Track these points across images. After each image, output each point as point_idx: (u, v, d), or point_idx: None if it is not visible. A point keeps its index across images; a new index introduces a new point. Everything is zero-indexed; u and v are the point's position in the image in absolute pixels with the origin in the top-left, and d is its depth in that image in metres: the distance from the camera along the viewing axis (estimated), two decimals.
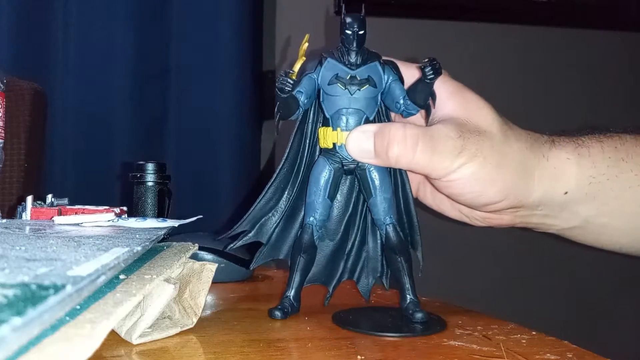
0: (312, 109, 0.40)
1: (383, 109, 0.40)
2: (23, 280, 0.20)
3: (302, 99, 0.38)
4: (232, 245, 0.41)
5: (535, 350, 0.33)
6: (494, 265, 1.39)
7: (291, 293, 0.39)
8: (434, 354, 0.32)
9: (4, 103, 0.50)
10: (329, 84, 0.38)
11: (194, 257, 0.39)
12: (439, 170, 0.38)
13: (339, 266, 0.42)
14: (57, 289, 0.19)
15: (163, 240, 0.42)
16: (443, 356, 0.31)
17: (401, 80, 0.39)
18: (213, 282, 0.37)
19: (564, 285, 1.43)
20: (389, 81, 0.38)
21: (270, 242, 0.41)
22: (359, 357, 0.30)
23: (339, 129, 0.38)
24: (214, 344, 0.33)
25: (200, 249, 0.47)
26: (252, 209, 0.41)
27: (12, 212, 0.49)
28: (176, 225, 0.43)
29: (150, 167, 0.57)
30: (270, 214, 0.41)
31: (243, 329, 0.36)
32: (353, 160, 0.38)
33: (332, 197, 0.39)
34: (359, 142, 0.38)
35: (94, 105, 1.12)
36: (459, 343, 0.34)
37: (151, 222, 0.43)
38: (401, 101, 0.38)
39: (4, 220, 0.44)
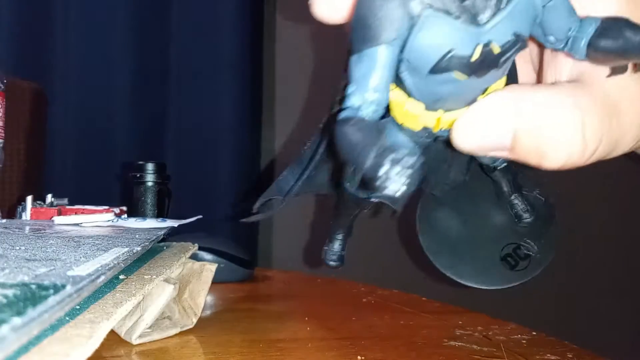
0: None
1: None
2: (23, 280, 0.20)
3: None
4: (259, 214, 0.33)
5: (535, 350, 0.32)
6: None
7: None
8: (434, 354, 0.32)
9: (4, 103, 0.50)
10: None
11: (194, 257, 0.39)
12: None
13: None
14: (57, 289, 0.19)
15: (163, 240, 0.42)
16: (443, 356, 0.31)
17: None
18: (213, 282, 0.37)
19: (564, 285, 1.43)
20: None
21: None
22: (359, 357, 0.30)
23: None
24: (214, 344, 0.33)
25: (200, 249, 0.47)
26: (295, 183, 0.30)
27: (12, 212, 0.49)
28: (176, 226, 0.43)
29: (150, 167, 0.57)
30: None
31: (243, 329, 0.36)
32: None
33: None
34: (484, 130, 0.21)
35: (94, 105, 1.12)
36: (460, 343, 0.34)
37: (151, 222, 0.43)
38: (567, 34, 0.20)
39: (4, 220, 0.44)
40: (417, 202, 0.34)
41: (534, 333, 0.36)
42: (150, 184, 0.56)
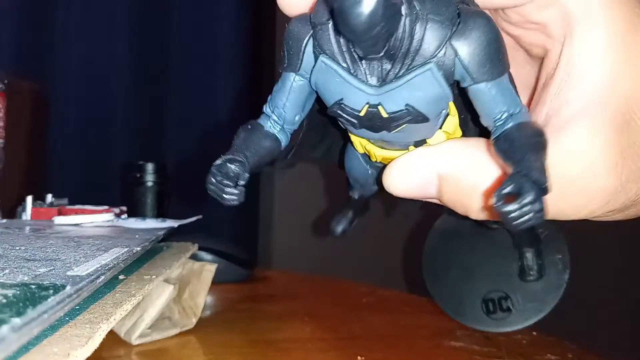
0: None
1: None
2: (23, 280, 0.20)
3: None
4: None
5: (535, 350, 0.32)
6: None
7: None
8: (435, 354, 0.32)
9: (4, 103, 0.50)
10: None
11: (194, 257, 0.39)
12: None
13: None
14: (57, 289, 0.19)
15: (163, 240, 0.42)
16: (444, 357, 0.31)
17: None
18: (213, 282, 0.37)
19: (569, 281, 1.43)
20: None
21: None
22: (359, 357, 0.30)
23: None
24: (214, 344, 0.33)
25: (200, 249, 0.47)
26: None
27: (12, 212, 0.49)
28: (176, 226, 0.43)
29: (150, 167, 0.57)
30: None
31: (243, 330, 0.36)
32: None
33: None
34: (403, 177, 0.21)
35: (94, 105, 1.12)
36: (460, 344, 0.34)
37: (151, 222, 0.43)
38: (493, 123, 0.19)
39: (4, 220, 0.44)
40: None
41: (534, 333, 0.36)
42: (150, 184, 0.56)
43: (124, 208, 0.48)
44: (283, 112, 0.20)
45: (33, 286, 0.19)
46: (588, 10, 0.19)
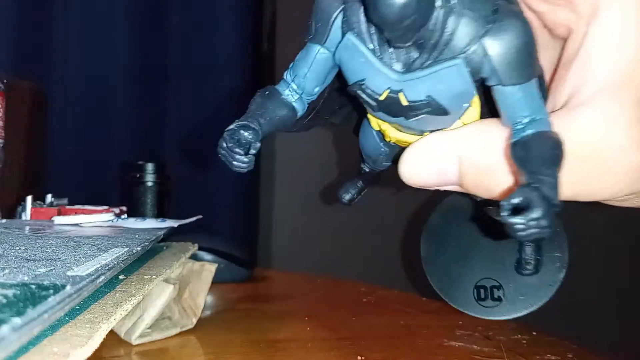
0: None
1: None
2: (23, 280, 0.20)
3: None
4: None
5: (535, 350, 0.32)
6: None
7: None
8: (434, 354, 0.32)
9: (4, 103, 0.50)
10: None
11: (194, 257, 0.39)
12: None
13: None
14: (57, 289, 0.19)
15: (163, 240, 0.42)
16: (444, 357, 0.31)
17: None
18: (213, 282, 0.37)
19: (564, 285, 1.43)
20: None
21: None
22: (359, 357, 0.30)
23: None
24: (214, 344, 0.33)
25: (200, 249, 0.47)
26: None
27: (12, 212, 0.49)
28: (176, 226, 0.43)
29: (149, 167, 0.57)
30: None
31: (243, 329, 0.36)
32: None
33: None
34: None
35: (94, 105, 1.12)
36: (460, 344, 0.33)
37: (151, 222, 0.43)
38: (513, 125, 0.18)
39: (4, 220, 0.44)
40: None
41: (534, 333, 0.36)
42: (150, 184, 0.56)
43: (124, 208, 0.48)
44: (303, 81, 0.20)
45: (33, 286, 0.19)
46: None
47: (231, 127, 0.20)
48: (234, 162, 0.20)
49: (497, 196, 0.20)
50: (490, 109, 0.20)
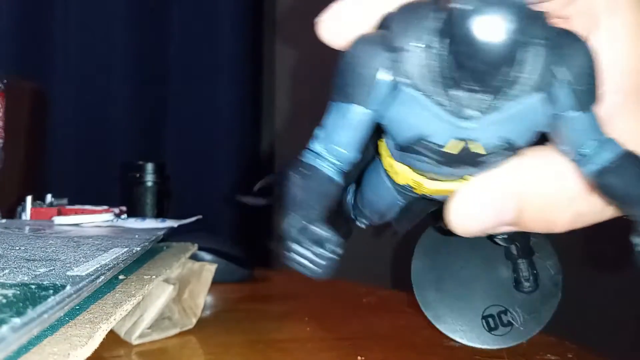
0: None
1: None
2: (23, 280, 0.20)
3: None
4: None
5: (535, 350, 0.32)
6: None
7: None
8: (434, 354, 0.32)
9: (4, 103, 0.50)
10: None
11: (194, 257, 0.39)
12: None
13: None
14: (57, 289, 0.19)
15: (162, 240, 0.42)
16: (443, 356, 0.31)
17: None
18: (213, 282, 0.37)
19: (564, 285, 1.43)
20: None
21: None
22: (359, 357, 0.30)
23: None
24: (214, 344, 0.33)
25: (200, 249, 0.47)
26: None
27: (12, 212, 0.49)
28: (175, 226, 0.43)
29: (149, 167, 0.57)
30: None
31: (243, 330, 0.36)
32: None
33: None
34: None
35: (94, 105, 1.12)
36: (460, 344, 0.33)
37: (150, 222, 0.43)
38: (579, 151, 0.17)
39: (4, 220, 0.44)
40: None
41: None
42: (149, 184, 0.56)
43: (124, 208, 0.48)
44: (344, 152, 0.17)
45: (33, 286, 0.19)
46: (613, 2, 0.18)
47: (296, 223, 0.16)
48: (323, 262, 0.16)
49: (561, 227, 0.19)
50: None
